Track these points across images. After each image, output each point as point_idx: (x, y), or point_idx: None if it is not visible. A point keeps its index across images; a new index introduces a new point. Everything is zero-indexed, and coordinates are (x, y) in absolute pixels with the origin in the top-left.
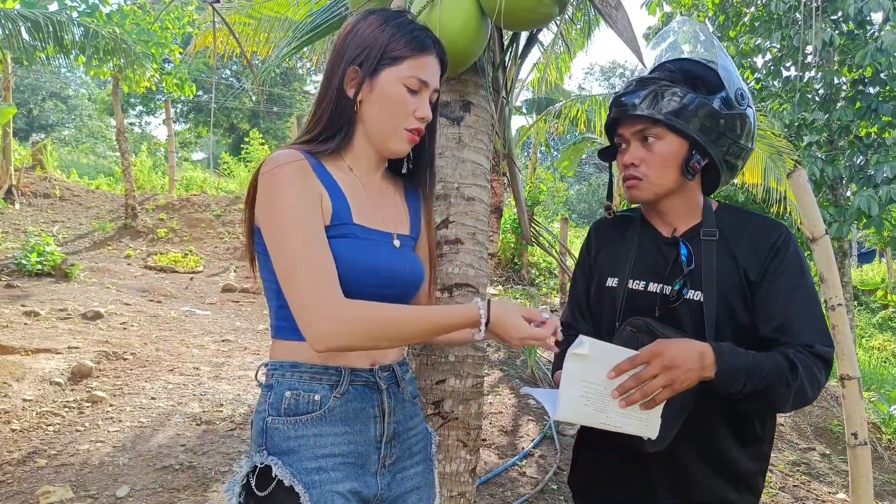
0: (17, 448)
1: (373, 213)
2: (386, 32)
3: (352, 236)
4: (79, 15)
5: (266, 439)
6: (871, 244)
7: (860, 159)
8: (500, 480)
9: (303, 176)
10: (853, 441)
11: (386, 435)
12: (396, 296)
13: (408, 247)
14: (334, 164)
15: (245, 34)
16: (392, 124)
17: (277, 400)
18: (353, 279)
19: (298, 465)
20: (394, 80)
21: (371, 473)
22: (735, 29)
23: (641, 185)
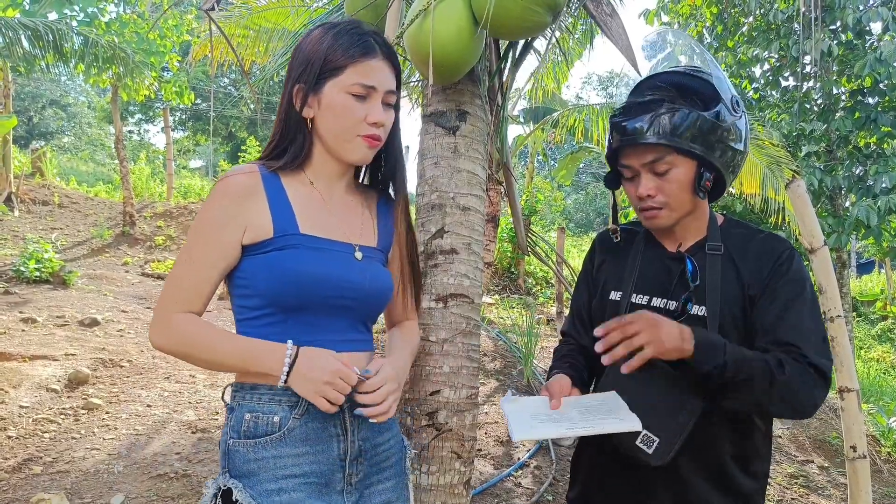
0: (12, 455)
1: (332, 224)
2: (324, 44)
3: (298, 247)
4: (78, 24)
5: (228, 462)
6: (870, 255)
7: (859, 170)
8: (496, 491)
9: (233, 197)
10: (852, 454)
11: (350, 453)
12: (355, 308)
13: (373, 259)
14: (294, 177)
15: (244, 44)
16: (344, 135)
17: (238, 422)
18: (301, 289)
19: (259, 487)
20: (337, 91)
21: (337, 492)
22: (733, 39)
23: (661, 214)
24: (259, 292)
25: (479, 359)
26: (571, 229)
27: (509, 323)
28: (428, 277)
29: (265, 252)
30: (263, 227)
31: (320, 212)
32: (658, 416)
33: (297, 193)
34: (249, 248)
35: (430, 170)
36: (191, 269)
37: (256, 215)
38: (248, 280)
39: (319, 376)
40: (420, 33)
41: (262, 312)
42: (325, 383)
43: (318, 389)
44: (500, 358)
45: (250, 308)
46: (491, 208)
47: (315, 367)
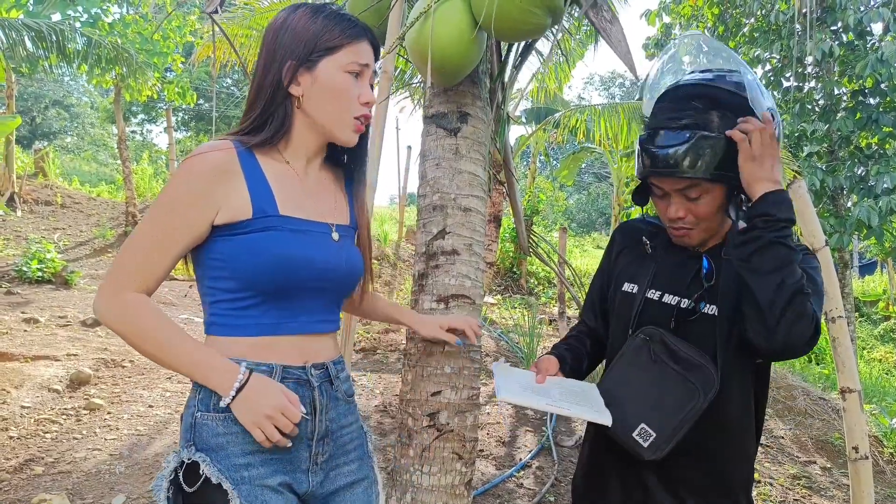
0: (14, 455)
1: (309, 204)
2: (318, 23)
3: (278, 228)
4: (81, 25)
5: (194, 435)
6: (872, 255)
7: (860, 170)
8: (497, 492)
9: (206, 176)
10: (854, 455)
11: (317, 432)
12: (332, 289)
13: (347, 237)
14: (269, 155)
15: (246, 45)
16: (338, 113)
17: (207, 395)
18: (283, 273)
19: (227, 461)
20: (334, 68)
21: (302, 470)
22: (734, 39)
23: (692, 233)
24: (237, 275)
25: (480, 359)
26: (573, 229)
27: (511, 323)
28: (429, 278)
29: (243, 233)
30: (241, 208)
31: (297, 191)
32: (658, 412)
33: (274, 172)
34: (223, 228)
35: (431, 171)
36: (152, 246)
37: (233, 195)
38: (225, 262)
39: (262, 409)
40: (421, 36)
41: (239, 295)
42: (266, 416)
43: (257, 420)
44: (502, 358)
45: (225, 290)
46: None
47: (261, 397)
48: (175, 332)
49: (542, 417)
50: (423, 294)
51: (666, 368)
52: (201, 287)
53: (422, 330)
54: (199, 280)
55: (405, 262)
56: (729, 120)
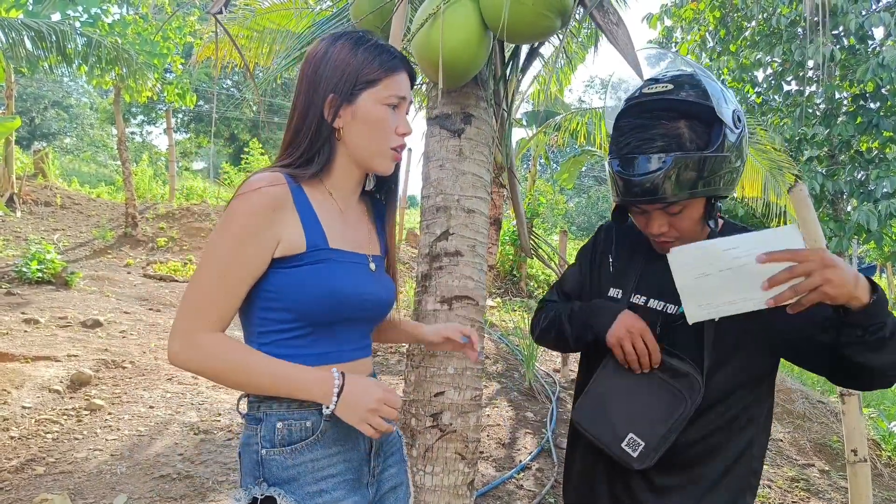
0: (15, 455)
1: (350, 236)
2: (358, 57)
3: (329, 261)
4: (81, 25)
5: (263, 471)
6: (871, 259)
7: (861, 174)
8: (498, 493)
9: (267, 208)
10: (853, 458)
11: (374, 447)
12: (370, 319)
13: (381, 268)
14: (315, 188)
15: (248, 46)
16: (378, 145)
17: (269, 431)
18: (334, 305)
19: (300, 491)
20: (373, 101)
21: (364, 485)
22: (736, 43)
23: (675, 244)
24: (291, 307)
25: (483, 361)
26: (574, 232)
27: (511, 326)
28: (433, 279)
29: (298, 266)
30: (296, 241)
31: (341, 224)
32: (645, 421)
33: (321, 205)
34: (279, 261)
35: (435, 172)
36: (220, 284)
37: (289, 228)
38: (279, 294)
39: (365, 405)
40: (429, 38)
41: (290, 326)
42: (370, 411)
43: (363, 417)
44: (502, 360)
45: (276, 321)
46: (493, 211)
47: (361, 395)
48: (258, 359)
49: (542, 419)
50: (427, 295)
51: (651, 376)
52: (250, 317)
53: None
54: (248, 310)
55: (405, 263)
56: (698, 129)
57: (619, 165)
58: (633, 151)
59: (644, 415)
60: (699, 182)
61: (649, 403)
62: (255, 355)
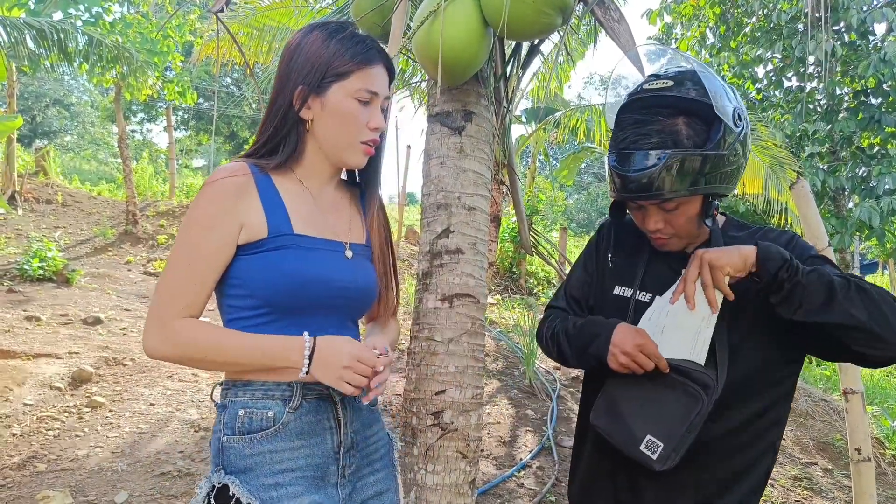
0: (17, 452)
1: (322, 223)
2: (330, 48)
3: (293, 246)
4: (83, 24)
5: (223, 459)
6: (873, 256)
7: (862, 170)
8: (498, 492)
9: (229, 195)
10: (856, 456)
11: (343, 445)
12: (345, 307)
13: (362, 256)
14: (284, 176)
15: (247, 44)
16: (347, 139)
17: (231, 419)
18: (297, 290)
19: (255, 482)
20: (343, 95)
21: (331, 484)
22: (736, 39)
23: (671, 241)
24: (253, 292)
25: (484, 358)
26: (573, 229)
27: (511, 323)
28: (433, 277)
29: (259, 252)
30: (258, 227)
31: (311, 210)
32: (662, 422)
33: (289, 192)
34: (243, 247)
35: (435, 170)
36: (189, 273)
37: (251, 214)
38: (243, 280)
39: (339, 361)
40: (430, 35)
41: (256, 312)
42: (345, 368)
43: (339, 375)
44: (502, 358)
45: (242, 308)
46: (493, 208)
47: (334, 353)
48: (229, 336)
49: (542, 417)
50: (428, 293)
51: (664, 375)
52: (220, 305)
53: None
54: (218, 298)
55: (404, 261)
56: (697, 126)
57: (616, 161)
58: (630, 147)
59: (660, 415)
60: (695, 179)
61: (665, 403)
62: (227, 333)
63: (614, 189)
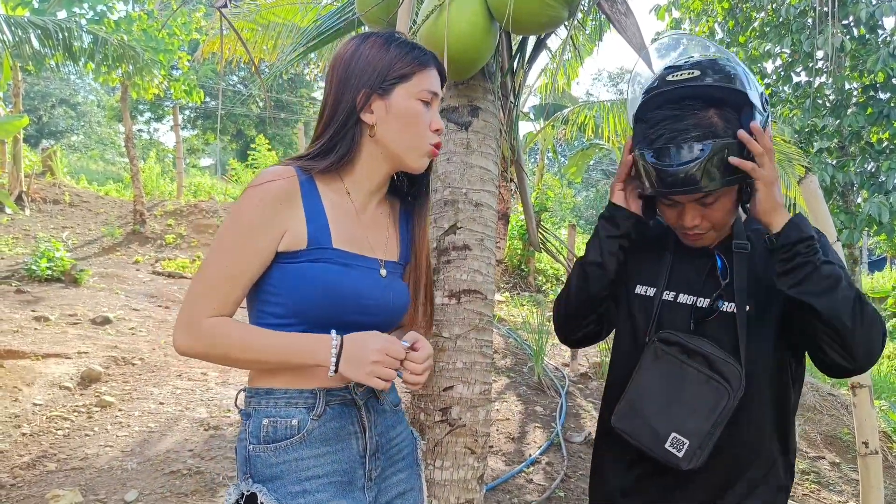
0: (27, 452)
1: (362, 238)
2: (391, 52)
3: (330, 261)
4: (87, 22)
5: (250, 467)
6: (881, 251)
7: (871, 165)
8: (507, 487)
9: (275, 201)
10: (864, 450)
11: (369, 449)
12: (376, 323)
13: (395, 274)
14: (330, 184)
15: (252, 41)
16: (413, 141)
17: (256, 428)
18: (328, 304)
19: (283, 489)
20: (406, 95)
21: (359, 489)
22: (745, 34)
23: (705, 237)
24: (284, 301)
25: (491, 354)
26: (582, 226)
27: (520, 321)
28: (441, 273)
29: (297, 262)
30: (298, 237)
31: (353, 225)
32: (688, 418)
33: (332, 203)
34: (281, 255)
35: (442, 166)
36: (225, 274)
37: (294, 223)
38: (276, 287)
39: (367, 357)
40: (436, 29)
41: (286, 322)
42: (373, 363)
43: (368, 370)
44: (511, 355)
45: (273, 315)
46: (501, 205)
47: (362, 349)
48: (257, 332)
49: (551, 414)
50: (435, 289)
51: (688, 372)
52: (252, 309)
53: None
54: (250, 302)
55: None
56: (729, 116)
57: (654, 157)
58: (669, 142)
59: (685, 411)
60: (735, 168)
61: (690, 399)
62: (255, 330)
63: (652, 185)
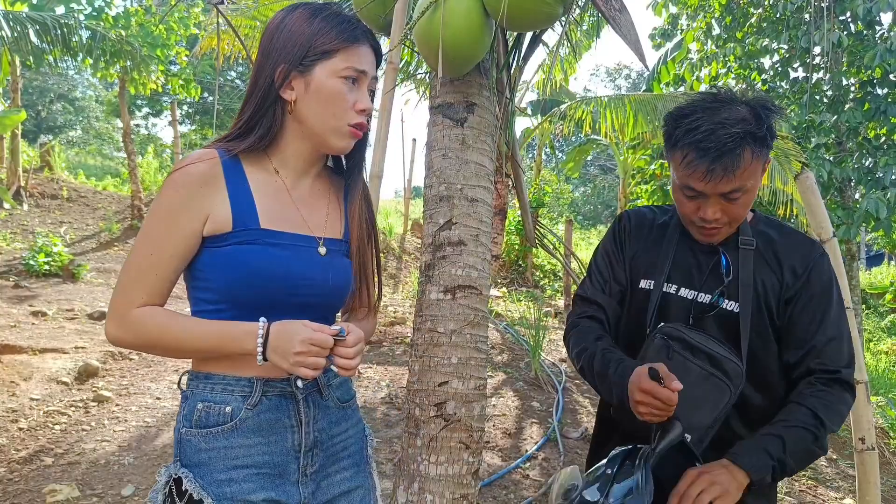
0: (24, 447)
1: (295, 216)
2: (314, 26)
3: (258, 242)
4: (85, 18)
5: (180, 451)
6: (879, 247)
7: (869, 161)
8: (504, 483)
9: (194, 185)
10: (860, 446)
11: (304, 444)
12: (314, 305)
13: (337, 251)
14: (257, 163)
15: (250, 36)
16: (333, 121)
17: (190, 411)
18: (258, 287)
19: (209, 476)
20: (328, 73)
21: (291, 482)
22: (742, 30)
23: (722, 231)
24: (215, 287)
25: (487, 350)
26: (579, 222)
27: (517, 316)
28: (436, 269)
29: (223, 246)
30: (223, 220)
31: (284, 203)
32: (689, 412)
33: (260, 182)
34: (208, 239)
35: (438, 161)
36: (150, 262)
37: (217, 206)
38: (206, 273)
39: (292, 347)
40: (431, 25)
41: (218, 307)
42: (297, 353)
43: (294, 361)
44: (508, 351)
45: (206, 301)
46: (498, 201)
47: (287, 338)
48: (187, 322)
49: (548, 409)
50: (430, 285)
51: (690, 366)
52: (189, 295)
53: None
54: (187, 288)
55: (410, 254)
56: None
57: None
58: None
59: (687, 406)
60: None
61: (693, 396)
62: (184, 319)
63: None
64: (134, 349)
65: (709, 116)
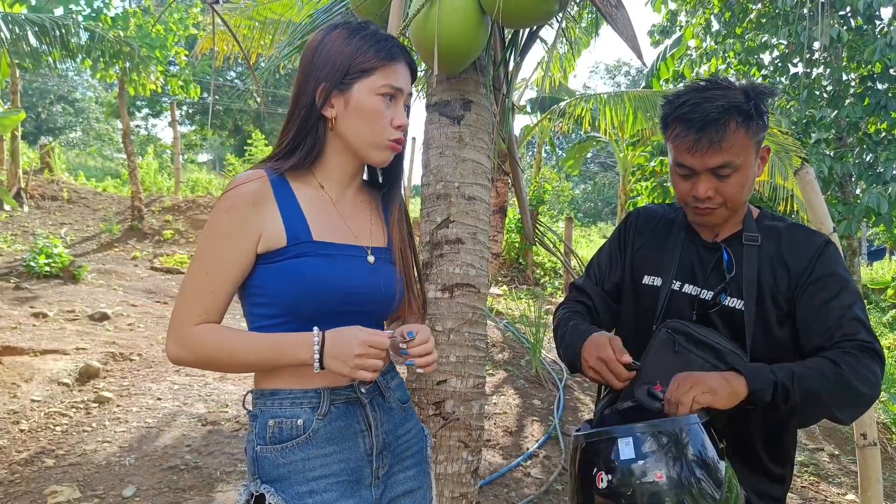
0: (25, 448)
1: (343, 228)
2: (353, 45)
3: (313, 254)
4: (84, 19)
5: (257, 468)
6: (880, 242)
7: (869, 156)
8: (505, 481)
9: (246, 204)
10: (863, 441)
11: (376, 447)
12: (368, 312)
13: (384, 260)
14: (302, 179)
15: (249, 36)
16: (372, 137)
17: (262, 429)
18: (317, 297)
19: (290, 490)
20: (366, 91)
21: (366, 486)
22: (741, 26)
23: (717, 212)
24: (274, 301)
25: (485, 348)
26: (579, 219)
27: (517, 314)
28: (433, 267)
29: (279, 260)
30: (276, 236)
31: (331, 215)
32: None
33: (307, 197)
34: (263, 256)
35: (435, 160)
36: (206, 282)
37: (269, 223)
38: (263, 289)
39: (350, 351)
40: (427, 23)
41: (278, 321)
42: (356, 357)
43: (354, 365)
44: (509, 349)
45: (265, 316)
46: (498, 199)
47: (344, 344)
48: (243, 337)
49: (549, 407)
50: (428, 283)
51: (695, 360)
52: (245, 313)
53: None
54: (242, 306)
55: None
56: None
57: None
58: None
59: None
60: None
61: None
62: (239, 334)
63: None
64: (195, 367)
65: (698, 94)
